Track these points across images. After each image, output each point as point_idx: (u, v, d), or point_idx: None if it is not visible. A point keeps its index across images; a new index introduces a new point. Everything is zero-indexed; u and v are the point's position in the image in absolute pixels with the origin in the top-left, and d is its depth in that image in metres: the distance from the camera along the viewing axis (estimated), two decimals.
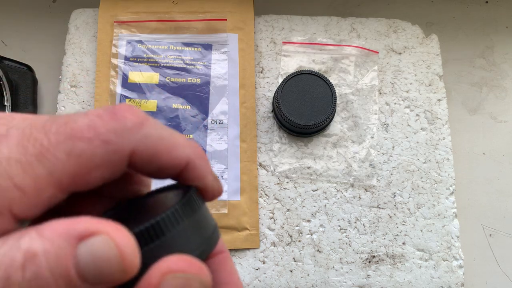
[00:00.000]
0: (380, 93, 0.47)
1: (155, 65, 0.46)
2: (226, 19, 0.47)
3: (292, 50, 0.48)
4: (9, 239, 0.12)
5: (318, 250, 0.42)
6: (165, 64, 0.46)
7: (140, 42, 0.47)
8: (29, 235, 0.12)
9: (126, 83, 0.45)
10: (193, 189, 0.16)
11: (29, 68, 0.47)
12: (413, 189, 0.44)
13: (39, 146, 0.13)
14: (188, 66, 0.46)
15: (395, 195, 0.44)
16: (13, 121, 0.14)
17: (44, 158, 0.13)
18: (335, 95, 0.44)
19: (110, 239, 0.12)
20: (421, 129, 0.46)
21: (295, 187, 0.44)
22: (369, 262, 0.42)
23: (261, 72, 0.48)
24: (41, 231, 0.12)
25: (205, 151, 0.44)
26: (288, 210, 0.44)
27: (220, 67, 0.46)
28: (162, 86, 0.45)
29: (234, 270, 0.19)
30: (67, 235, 0.12)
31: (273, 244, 0.43)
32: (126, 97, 0.45)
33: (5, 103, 0.42)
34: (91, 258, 0.12)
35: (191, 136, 0.44)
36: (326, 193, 0.44)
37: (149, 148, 0.15)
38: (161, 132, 0.15)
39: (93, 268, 0.12)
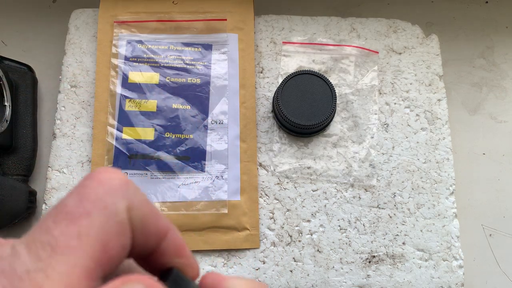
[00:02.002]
0: (380, 93, 0.47)
1: (155, 65, 0.46)
2: (226, 19, 0.47)
3: (292, 50, 0.48)
4: None
5: (318, 250, 0.42)
6: (165, 64, 0.46)
7: (140, 42, 0.47)
8: None
9: (126, 83, 0.45)
10: (175, 270, 0.16)
11: (29, 68, 0.47)
12: (413, 189, 0.44)
13: (50, 250, 0.13)
14: (188, 66, 0.46)
15: (395, 195, 0.44)
16: (15, 240, 0.14)
17: (58, 255, 0.13)
18: (335, 95, 0.44)
19: None
20: (421, 129, 0.46)
21: (295, 187, 0.44)
22: (369, 262, 0.42)
23: (261, 72, 0.48)
24: None
25: (205, 151, 0.44)
26: (288, 210, 0.44)
27: (220, 67, 0.46)
28: (162, 86, 0.45)
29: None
30: None
31: (273, 244, 0.43)
32: (126, 97, 0.45)
33: (5, 103, 0.42)
34: None
35: (191, 136, 0.44)
36: (326, 193, 0.44)
37: (140, 207, 0.15)
38: (143, 198, 0.15)
39: None
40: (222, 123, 0.45)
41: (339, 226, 0.43)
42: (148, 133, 0.44)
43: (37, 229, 0.13)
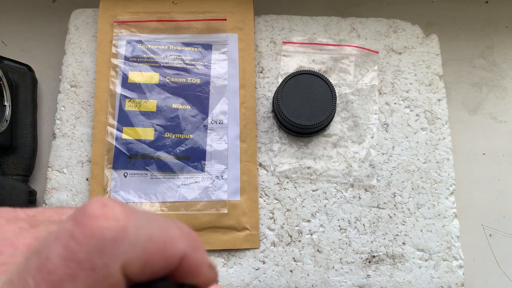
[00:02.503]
0: (380, 93, 0.47)
1: (155, 65, 0.46)
2: (226, 19, 0.47)
3: (292, 50, 0.48)
4: None
5: (318, 250, 0.42)
6: (165, 64, 0.46)
7: (140, 42, 0.47)
8: None
9: (126, 83, 0.45)
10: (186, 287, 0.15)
11: (29, 68, 0.47)
12: (413, 189, 0.44)
13: None
14: (188, 66, 0.46)
15: (395, 195, 0.44)
16: None
17: None
18: (335, 95, 0.44)
19: None
20: (421, 129, 0.46)
21: (295, 187, 0.44)
22: (369, 262, 0.42)
23: (261, 72, 0.48)
24: None
25: (205, 151, 0.44)
26: (288, 210, 0.44)
27: (220, 67, 0.46)
28: (162, 86, 0.45)
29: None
30: None
31: (273, 244, 0.43)
32: (126, 97, 0.45)
33: (5, 103, 0.42)
34: None
35: (191, 136, 0.44)
36: (326, 193, 0.44)
37: (140, 257, 0.13)
38: (150, 230, 0.13)
39: None
40: (222, 123, 0.45)
41: (339, 226, 0.43)
42: (148, 133, 0.44)
43: (16, 281, 0.12)
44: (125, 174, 0.43)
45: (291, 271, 0.42)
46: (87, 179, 0.44)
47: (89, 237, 0.12)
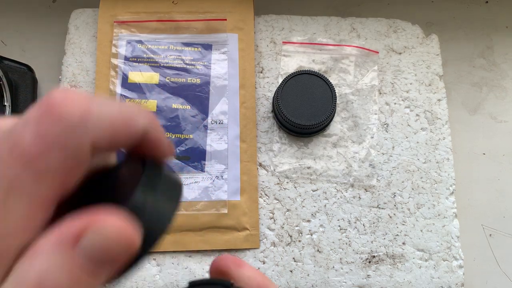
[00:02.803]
0: (380, 93, 0.47)
1: (155, 65, 0.46)
2: (226, 19, 0.47)
3: (292, 50, 0.48)
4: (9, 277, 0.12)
5: (318, 250, 0.42)
6: (165, 64, 0.46)
7: (140, 42, 0.47)
8: (26, 263, 0.12)
9: (126, 83, 0.45)
10: (149, 161, 0.16)
11: (29, 68, 0.47)
12: (413, 189, 0.44)
13: (6, 183, 0.12)
14: (188, 66, 0.46)
15: (395, 195, 0.44)
16: None
17: (17, 192, 0.12)
18: (335, 95, 0.44)
19: (103, 229, 0.12)
20: (421, 129, 0.46)
21: (295, 187, 0.44)
22: (369, 262, 0.42)
23: (261, 72, 0.48)
24: (34, 256, 0.12)
25: (205, 151, 0.44)
26: (288, 210, 0.44)
27: (220, 67, 0.46)
28: (162, 86, 0.45)
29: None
30: (61, 246, 0.12)
31: (273, 244, 0.43)
32: (126, 97, 0.45)
33: (5, 103, 0.42)
34: (95, 254, 0.12)
35: (191, 136, 0.44)
36: (326, 193, 0.44)
37: (107, 133, 0.14)
38: (112, 109, 0.14)
39: (101, 258, 0.12)
40: (222, 123, 0.45)
41: (339, 226, 0.43)
42: None
43: None
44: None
45: (291, 271, 0.42)
46: None
47: (58, 120, 0.13)
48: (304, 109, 0.43)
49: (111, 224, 0.12)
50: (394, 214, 0.43)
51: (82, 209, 0.13)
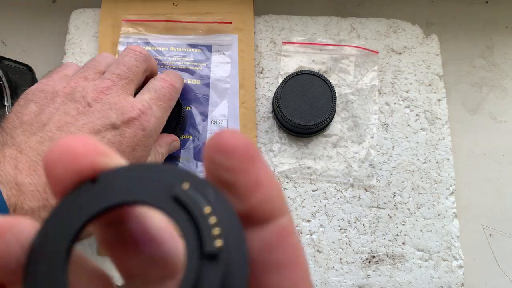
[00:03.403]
0: (380, 93, 0.47)
1: (159, 66, 0.46)
2: (231, 22, 0.47)
3: (292, 50, 0.48)
4: None
5: (318, 250, 0.42)
6: (167, 65, 0.46)
7: (143, 43, 0.47)
8: None
9: None
10: None
11: (29, 68, 0.47)
12: (413, 189, 0.44)
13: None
14: (190, 67, 0.46)
15: (395, 195, 0.44)
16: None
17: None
18: (335, 95, 0.44)
19: None
20: (421, 129, 0.46)
21: (295, 187, 0.44)
22: (369, 262, 0.42)
23: (261, 72, 0.48)
24: None
25: None
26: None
27: (220, 67, 0.46)
28: None
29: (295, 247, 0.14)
30: None
31: None
32: None
33: (5, 103, 0.42)
34: None
35: (190, 137, 0.44)
36: (326, 193, 0.44)
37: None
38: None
39: None
40: (222, 124, 0.45)
41: (339, 226, 0.43)
42: None
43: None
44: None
45: None
46: None
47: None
48: (304, 109, 0.43)
49: None
50: (394, 214, 0.43)
51: None
